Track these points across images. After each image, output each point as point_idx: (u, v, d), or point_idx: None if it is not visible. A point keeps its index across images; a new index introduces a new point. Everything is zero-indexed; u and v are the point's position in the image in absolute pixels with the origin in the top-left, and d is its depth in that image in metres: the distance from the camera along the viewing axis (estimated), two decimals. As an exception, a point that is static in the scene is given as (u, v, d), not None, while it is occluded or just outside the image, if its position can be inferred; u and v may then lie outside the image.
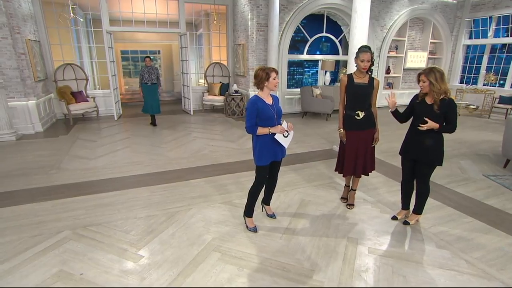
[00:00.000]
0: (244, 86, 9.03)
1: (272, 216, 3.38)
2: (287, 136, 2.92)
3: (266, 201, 3.40)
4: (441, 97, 2.77)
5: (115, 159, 5.13)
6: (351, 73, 3.36)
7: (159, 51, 14.23)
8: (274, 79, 2.82)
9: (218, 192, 3.93)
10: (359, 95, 3.27)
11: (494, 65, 10.34)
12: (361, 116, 3.27)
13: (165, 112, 8.68)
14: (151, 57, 7.42)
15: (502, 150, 4.91)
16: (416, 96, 3.05)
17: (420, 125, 2.83)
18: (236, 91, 8.59)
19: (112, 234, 2.99)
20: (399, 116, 3.20)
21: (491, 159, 5.32)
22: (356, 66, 3.27)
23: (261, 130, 2.82)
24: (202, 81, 11.26)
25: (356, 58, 3.21)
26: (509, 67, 9.87)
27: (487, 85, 10.11)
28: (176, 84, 13.32)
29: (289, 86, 9.69)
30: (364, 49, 3.16)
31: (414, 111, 3.01)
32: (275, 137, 2.88)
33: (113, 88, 8.14)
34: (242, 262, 2.61)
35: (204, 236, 2.96)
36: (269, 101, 2.90)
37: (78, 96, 7.93)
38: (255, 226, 3.12)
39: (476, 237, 3.02)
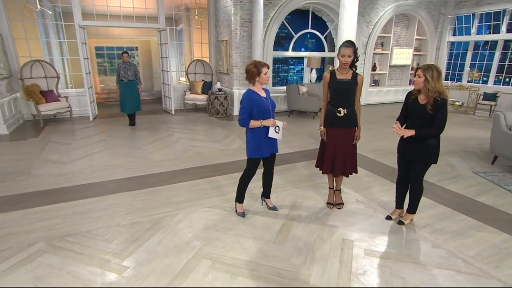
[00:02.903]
0: (228, 84, 8.96)
1: (273, 208, 3.52)
2: (278, 131, 3.11)
3: (266, 194, 3.53)
4: (435, 95, 2.80)
5: (92, 163, 4.95)
6: (333, 69, 3.37)
7: (136, 48, 13.94)
8: (265, 74, 2.97)
9: (206, 196, 3.86)
10: (341, 91, 3.28)
11: (477, 62, 10.75)
12: (342, 114, 3.29)
13: (145, 112, 8.48)
14: (129, 53, 7.24)
15: (490, 147, 5.09)
16: (409, 94, 3.08)
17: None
18: (220, 90, 8.51)
19: (92, 244, 2.86)
20: (402, 121, 3.16)
21: (479, 156, 5.51)
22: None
23: (254, 123, 3.00)
24: (183, 79, 11.08)
25: (337, 53, 3.23)
26: (491, 64, 10.28)
27: (471, 82, 10.49)
28: (156, 83, 13.10)
29: (274, 84, 9.70)
30: (345, 43, 3.17)
31: (408, 110, 3.04)
32: (269, 135, 3.04)
33: (88, 86, 7.87)
34: (235, 269, 2.55)
35: (193, 243, 2.89)
36: (263, 94, 3.07)
37: (48, 96, 7.61)
38: (243, 212, 3.35)
39: (470, 235, 3.09)
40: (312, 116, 8.65)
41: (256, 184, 3.74)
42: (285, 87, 9.10)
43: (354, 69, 3.29)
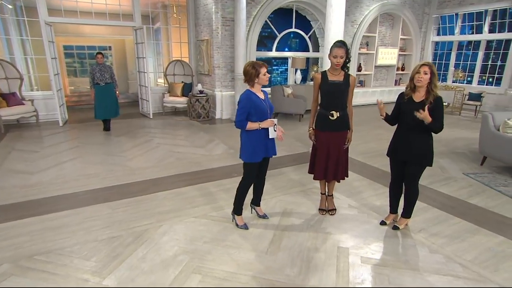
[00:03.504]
0: (210, 86, 8.89)
1: (264, 216, 3.50)
2: (276, 130, 3.12)
3: (256, 202, 3.51)
4: (436, 92, 2.88)
5: (64, 172, 4.76)
6: (325, 70, 3.40)
7: (110, 47, 13.60)
8: (264, 74, 2.97)
9: (191, 205, 3.77)
10: (333, 93, 3.30)
11: (461, 62, 11.18)
12: (335, 117, 3.31)
13: (121, 116, 8.21)
14: (103, 53, 7.04)
15: (479, 148, 5.27)
16: (401, 95, 3.14)
17: (417, 112, 2.82)
18: (201, 92, 8.42)
19: (68, 263, 2.72)
20: (389, 119, 3.25)
21: (468, 157, 5.69)
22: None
23: (251, 125, 2.99)
24: (161, 81, 10.92)
25: (329, 54, 3.25)
26: (475, 64, 10.72)
27: (456, 82, 10.89)
28: (131, 85, 12.82)
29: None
30: (337, 44, 3.20)
31: (402, 110, 3.08)
32: (270, 136, 3.06)
33: (57, 89, 7.58)
34: (227, 283, 2.50)
35: (180, 257, 2.81)
36: (261, 96, 3.06)
37: (10, 99, 7.28)
38: (245, 224, 3.30)
39: (466, 239, 3.17)
40: (298, 118, 8.70)
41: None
42: (269, 89, 9.12)
43: (346, 70, 3.33)
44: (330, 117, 3.32)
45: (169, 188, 4.23)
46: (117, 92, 7.15)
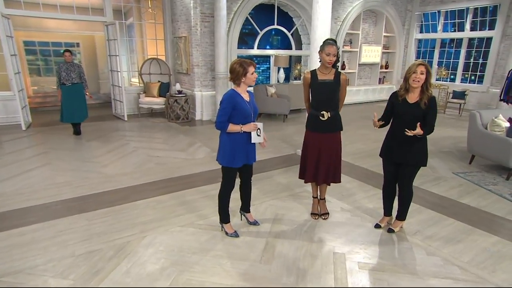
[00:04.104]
0: (189, 86, 8.78)
1: (254, 223, 3.48)
2: (260, 135, 3.06)
3: (245, 208, 3.48)
4: (431, 92, 2.95)
5: (30, 182, 4.54)
6: (314, 69, 3.42)
7: (77, 44, 13.17)
8: (252, 74, 2.93)
9: (175, 213, 3.69)
10: (324, 93, 3.32)
11: (444, 60, 11.60)
12: (326, 117, 3.32)
13: (92, 118, 7.96)
14: (72, 51, 6.80)
15: (467, 146, 5.47)
16: (395, 95, 3.19)
17: (407, 130, 2.91)
18: (180, 92, 8.29)
19: (41, 283, 2.58)
20: (384, 123, 3.27)
21: (456, 156, 5.89)
22: (320, 61, 3.33)
23: (233, 127, 2.94)
24: (135, 80, 10.68)
25: (320, 51, 3.25)
26: (458, 61, 11.15)
27: (440, 80, 11.27)
28: (103, 84, 12.48)
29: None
30: (330, 41, 3.23)
31: (396, 112, 3.13)
32: (253, 141, 3.01)
33: (18, 89, 7.23)
34: (221, 297, 2.45)
35: (168, 270, 2.73)
36: (246, 97, 3.01)
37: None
38: (235, 231, 3.27)
39: (461, 240, 3.26)
40: (282, 119, 8.73)
41: (232, 197, 3.64)
42: (251, 88, 9.11)
43: (336, 68, 3.35)
44: (320, 117, 3.33)
45: (150, 195, 4.12)
46: (87, 93, 6.91)
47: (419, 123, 2.91)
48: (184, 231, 3.34)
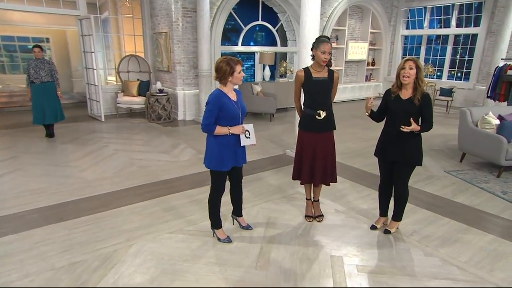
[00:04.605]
0: (170, 84, 8.67)
1: (247, 227, 3.47)
2: (249, 137, 3.06)
3: (237, 212, 3.47)
4: (424, 87, 3.02)
5: (0, 189, 4.37)
6: (307, 67, 3.43)
7: (47, 39, 12.76)
8: (239, 72, 2.90)
9: (163, 219, 3.63)
10: (319, 91, 3.35)
11: (431, 57, 11.91)
12: (322, 116, 3.36)
13: (66, 119, 7.73)
14: (42, 47, 6.56)
15: (458, 144, 5.63)
16: (388, 92, 3.25)
17: (402, 126, 2.97)
18: (161, 90, 8.18)
19: (21, 297, 2.49)
20: (375, 116, 3.35)
21: (447, 154, 6.06)
22: (312, 58, 3.36)
23: (220, 130, 2.91)
24: (112, 78, 10.47)
25: (315, 49, 3.27)
26: (444, 58, 11.47)
27: (427, 77, 11.56)
28: (76, 83, 12.14)
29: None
30: (324, 39, 3.25)
31: (389, 109, 3.19)
32: (242, 144, 3.01)
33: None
34: (217, 307, 2.42)
35: (159, 280, 2.68)
36: (233, 97, 2.98)
37: None
38: (228, 237, 3.23)
39: (458, 239, 3.35)
40: (268, 118, 8.75)
41: (222, 200, 3.62)
42: (236, 86, 9.08)
43: (329, 66, 3.38)
44: (317, 116, 3.35)
45: (135, 201, 4.04)
46: (58, 92, 6.70)
47: (412, 118, 2.97)
48: (173, 238, 3.28)
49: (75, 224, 3.50)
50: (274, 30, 10.12)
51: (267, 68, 9.68)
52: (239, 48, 9.57)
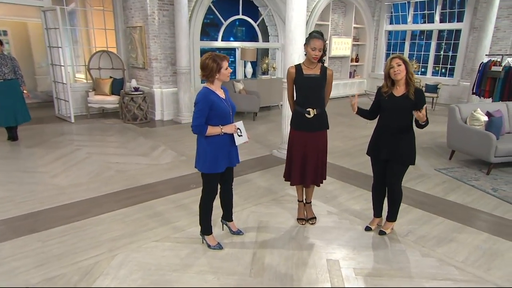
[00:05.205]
0: (146, 82, 8.53)
1: (238, 233, 3.47)
2: (241, 135, 3.09)
3: (227, 217, 3.47)
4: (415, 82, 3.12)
5: (-39, 199, 4.18)
6: (299, 64, 3.47)
7: (5, 32, 12.25)
8: (226, 69, 2.92)
9: (148, 227, 3.57)
10: (310, 88, 3.39)
11: (415, 52, 12.25)
12: (312, 115, 3.39)
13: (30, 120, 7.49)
14: (2, 41, 6.30)
15: (447, 142, 5.81)
16: (379, 92, 3.32)
17: (416, 112, 3.01)
18: (136, 89, 8.02)
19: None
20: (366, 114, 3.41)
21: (435, 152, 6.25)
22: (305, 54, 3.39)
23: (212, 130, 2.90)
24: (81, 76, 10.19)
25: (306, 45, 3.32)
26: (428, 54, 11.82)
27: (411, 74, 11.88)
28: (40, 80, 11.70)
29: (203, 81, 9.55)
30: (316, 35, 3.28)
31: (385, 108, 3.25)
32: (237, 143, 3.03)
33: None
34: (212, 318, 2.40)
35: (147, 292, 2.63)
36: (221, 94, 3.00)
37: None
38: (218, 243, 3.22)
39: (453, 238, 3.46)
40: (251, 117, 8.75)
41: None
42: (216, 84, 9.04)
43: (322, 63, 3.42)
44: (306, 115, 3.38)
45: (115, 208, 3.95)
46: (24, 90, 6.46)
47: (414, 111, 3.05)
48: (160, 246, 3.23)
49: (50, 235, 3.38)
50: (255, 25, 10.14)
51: (248, 65, 9.68)
52: (219, 43, 9.54)
